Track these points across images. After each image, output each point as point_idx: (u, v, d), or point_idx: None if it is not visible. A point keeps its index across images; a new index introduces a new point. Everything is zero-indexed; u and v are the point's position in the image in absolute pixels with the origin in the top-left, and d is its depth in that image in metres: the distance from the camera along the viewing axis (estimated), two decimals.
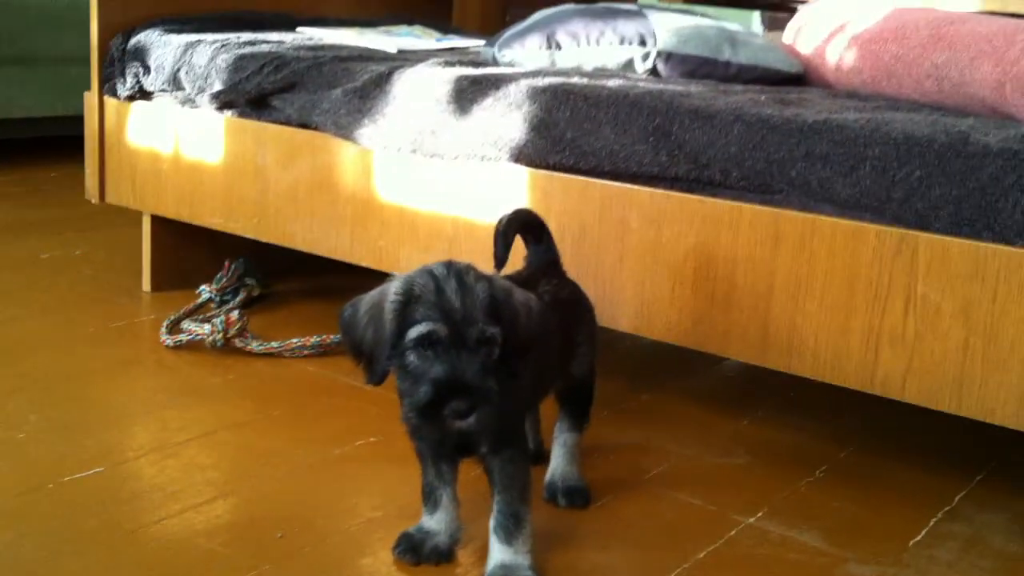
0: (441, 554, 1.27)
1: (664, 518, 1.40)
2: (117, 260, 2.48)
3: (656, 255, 1.55)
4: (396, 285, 1.16)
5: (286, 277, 2.35)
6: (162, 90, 2.16)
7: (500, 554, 1.21)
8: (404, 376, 1.15)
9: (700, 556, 1.31)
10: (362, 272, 2.00)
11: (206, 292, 2.12)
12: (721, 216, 1.49)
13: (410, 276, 1.16)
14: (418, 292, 1.13)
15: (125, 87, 2.20)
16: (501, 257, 1.38)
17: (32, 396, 1.71)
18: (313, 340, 1.93)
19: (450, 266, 1.16)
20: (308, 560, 1.27)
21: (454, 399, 1.10)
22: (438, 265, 1.16)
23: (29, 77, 3.50)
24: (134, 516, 1.35)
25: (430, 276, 1.15)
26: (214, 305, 2.12)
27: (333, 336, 1.94)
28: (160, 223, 2.29)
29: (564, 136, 1.63)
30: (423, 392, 1.11)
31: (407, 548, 1.27)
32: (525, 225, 1.43)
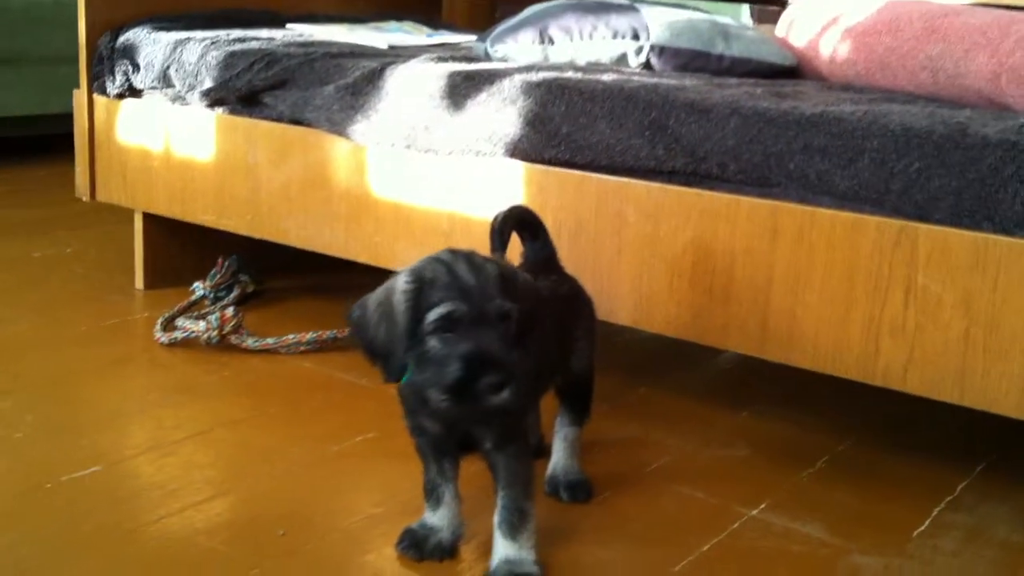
0: (444, 550, 1.26)
1: (666, 511, 1.40)
2: (109, 258, 2.46)
3: (654, 249, 1.55)
4: (405, 276, 1.15)
5: (279, 274, 2.33)
6: (152, 87, 2.15)
7: (505, 549, 1.21)
8: (425, 364, 1.13)
9: (704, 549, 1.31)
10: (355, 268, 1.99)
11: (200, 289, 2.10)
12: (719, 209, 1.48)
13: (417, 265, 1.16)
14: (430, 277, 1.13)
15: (115, 85, 2.19)
16: (499, 251, 1.37)
17: (26, 396, 1.70)
18: (309, 336, 1.92)
19: (455, 251, 1.16)
20: (310, 557, 1.26)
21: (486, 374, 1.09)
22: (442, 252, 1.16)
23: (16, 76, 3.48)
24: (134, 515, 1.34)
25: (438, 262, 1.14)
26: (208, 302, 2.10)
27: (329, 332, 1.93)
28: (152, 221, 2.27)
29: (559, 131, 1.62)
30: (453, 371, 1.10)
31: (410, 544, 1.26)
32: (521, 222, 1.43)
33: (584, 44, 1.94)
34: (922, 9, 1.82)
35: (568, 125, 1.62)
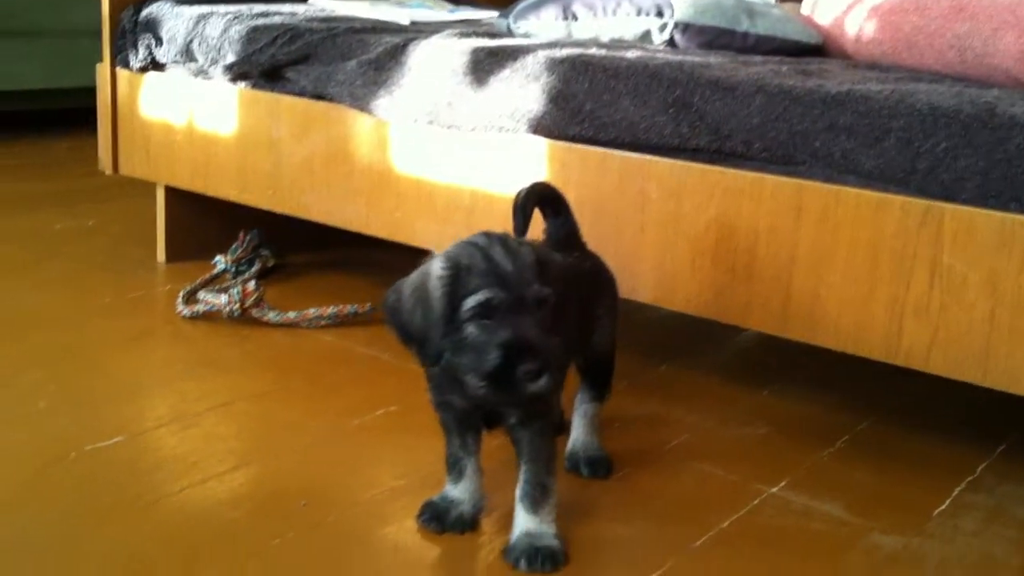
0: (465, 523, 1.27)
1: (686, 488, 1.40)
2: (130, 232, 2.48)
3: (676, 227, 1.54)
4: (440, 261, 1.14)
5: (300, 249, 2.34)
6: (175, 62, 2.15)
7: (526, 523, 1.21)
8: (462, 350, 1.13)
9: (724, 526, 1.31)
10: (376, 244, 2.00)
11: (221, 263, 2.11)
12: (743, 187, 1.48)
13: (452, 251, 1.15)
14: (467, 263, 1.12)
15: (137, 59, 2.19)
16: (520, 230, 1.37)
17: (49, 367, 1.71)
18: (330, 310, 1.92)
19: (489, 235, 1.16)
20: (333, 529, 1.27)
21: (525, 362, 1.10)
22: (476, 236, 1.16)
23: (36, 50, 3.49)
24: (156, 485, 1.35)
25: (474, 247, 1.14)
26: (229, 276, 2.11)
27: (349, 306, 1.94)
28: (173, 194, 2.28)
29: (583, 107, 1.62)
30: (492, 359, 1.11)
31: (431, 516, 1.27)
32: (543, 198, 1.42)
33: (608, 21, 1.93)
34: None
35: (592, 102, 1.61)
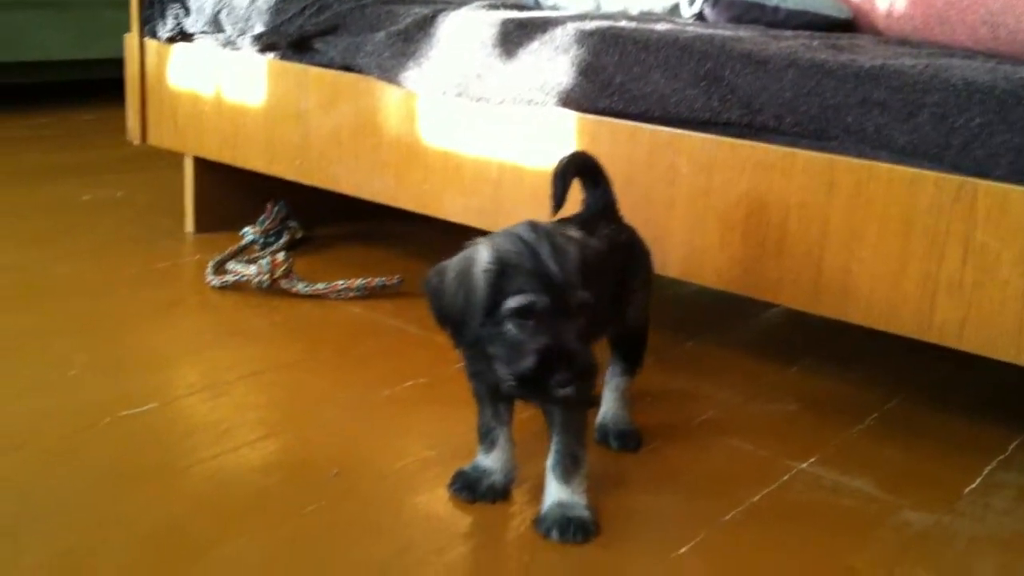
0: (496, 492, 1.28)
1: (715, 463, 1.41)
2: (157, 202, 2.49)
3: (707, 201, 1.54)
4: (487, 254, 1.13)
5: (327, 221, 2.35)
6: (203, 32, 2.15)
7: (558, 492, 1.22)
8: (499, 342, 1.13)
9: (754, 500, 1.31)
10: (402, 216, 2.00)
11: (249, 234, 2.12)
12: (774, 162, 1.47)
13: (501, 244, 1.14)
14: (514, 261, 1.11)
15: (165, 29, 2.20)
16: (559, 199, 1.37)
17: (81, 336, 1.73)
18: (358, 282, 1.93)
19: (537, 229, 1.14)
20: (365, 497, 1.28)
21: (559, 370, 1.10)
22: (524, 228, 1.14)
23: (62, 20, 3.49)
24: (189, 452, 1.37)
25: (522, 243, 1.12)
26: (258, 247, 2.12)
27: (377, 279, 1.95)
28: (201, 165, 2.29)
29: (613, 80, 1.61)
30: (528, 363, 1.11)
31: (463, 485, 1.28)
32: (584, 168, 1.42)
33: None
34: None
35: (622, 75, 1.61)
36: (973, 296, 1.33)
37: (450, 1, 1.96)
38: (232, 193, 2.32)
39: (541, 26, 1.70)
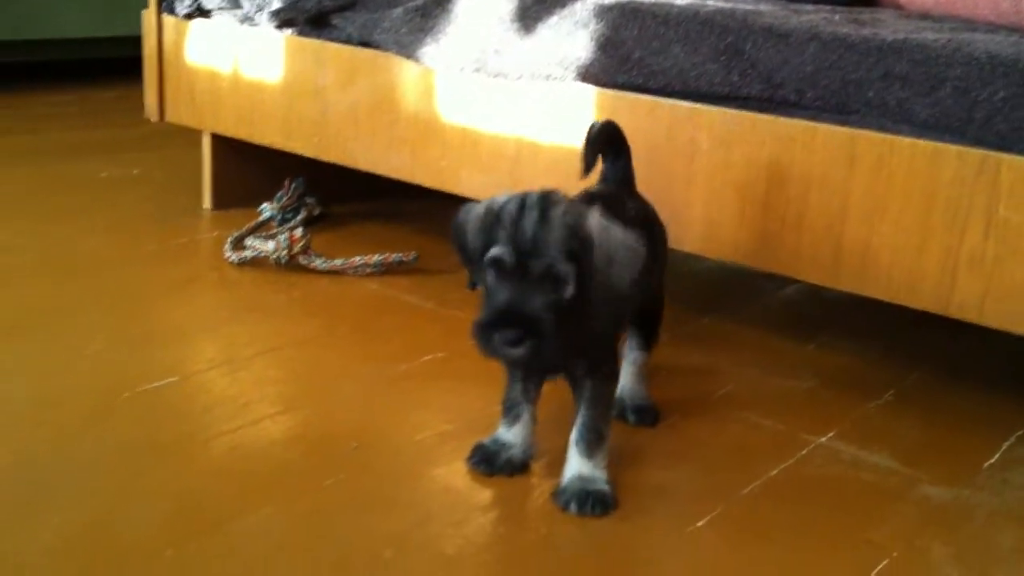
0: (515, 466, 1.28)
1: (733, 437, 1.41)
2: (175, 179, 2.50)
3: (726, 176, 1.53)
4: (486, 203, 1.17)
5: (345, 198, 2.35)
6: (220, 8, 2.15)
7: (579, 466, 1.23)
8: (484, 292, 1.16)
9: (772, 474, 1.31)
10: (419, 194, 2.00)
11: (267, 210, 2.13)
12: (795, 136, 1.46)
13: (502, 198, 1.16)
14: (501, 215, 1.13)
15: (184, 5, 2.20)
16: (589, 164, 1.37)
17: (100, 311, 1.74)
18: (376, 258, 1.93)
19: (544, 196, 1.14)
20: (384, 470, 1.29)
21: (506, 327, 1.10)
22: (532, 193, 1.15)
23: None
24: (210, 425, 1.38)
25: (517, 202, 1.13)
26: (275, 224, 2.13)
27: (394, 255, 1.95)
28: (219, 142, 2.29)
29: (632, 55, 1.61)
30: (483, 315, 1.13)
31: (482, 459, 1.29)
32: (610, 138, 1.42)
33: None
34: None
35: (641, 49, 1.60)
36: (994, 271, 1.32)
37: None
38: (250, 170, 2.32)
39: (560, 0, 1.70)
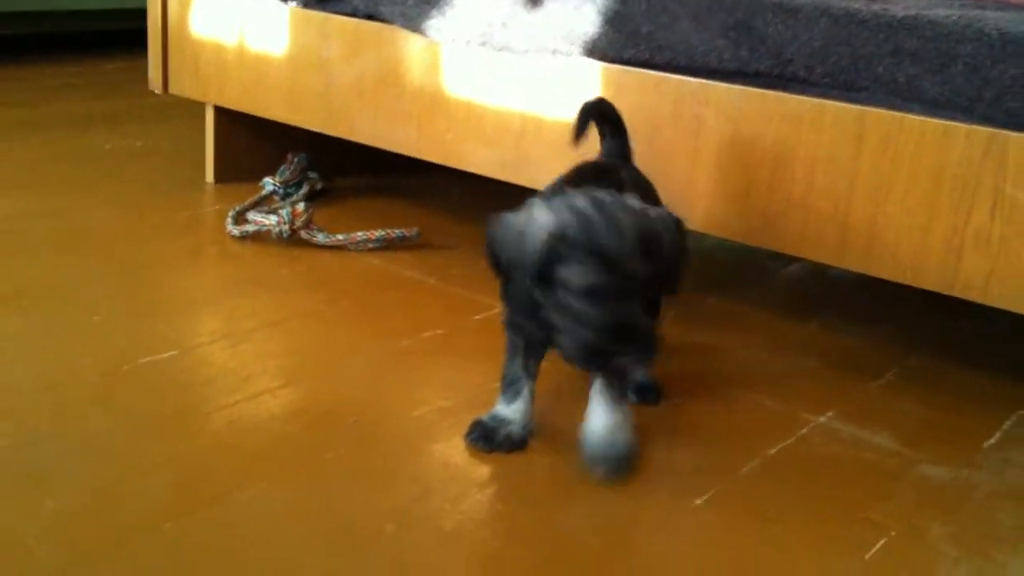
0: (514, 442, 1.28)
1: (734, 416, 1.40)
2: (178, 152, 2.49)
3: (732, 154, 1.52)
4: (545, 221, 1.10)
5: (348, 173, 2.34)
6: None
7: (607, 414, 1.22)
8: (561, 313, 1.11)
9: (771, 452, 1.31)
10: (422, 169, 1.99)
11: (270, 184, 2.12)
12: (803, 114, 1.45)
13: (561, 214, 1.10)
14: (571, 235, 1.08)
15: None
16: (579, 133, 1.41)
17: (103, 282, 1.73)
18: (378, 234, 1.93)
19: (598, 203, 1.10)
20: (383, 444, 1.28)
21: (620, 346, 1.09)
22: (584, 200, 1.11)
23: None
24: (210, 398, 1.37)
25: (582, 215, 1.09)
26: (278, 198, 2.12)
27: (397, 231, 1.94)
28: (223, 115, 2.28)
29: (639, 30, 1.59)
30: (588, 339, 1.09)
31: (480, 435, 1.28)
32: (605, 114, 1.43)
33: None
34: None
35: (649, 24, 1.58)
36: (1000, 250, 1.31)
37: None
38: (253, 143, 2.31)
39: None
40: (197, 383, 1.42)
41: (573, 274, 1.08)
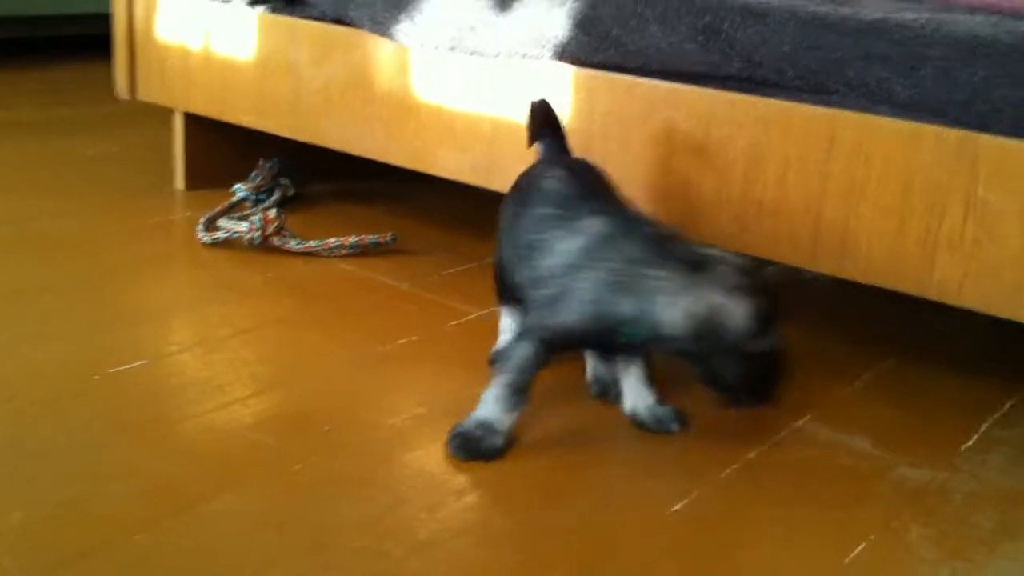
0: (497, 451, 1.27)
1: (709, 420, 1.40)
2: (148, 159, 2.46)
3: (704, 157, 1.52)
4: (746, 315, 1.24)
5: (320, 179, 2.32)
6: None
7: (649, 396, 1.37)
8: (726, 366, 1.26)
9: (750, 457, 1.31)
10: (397, 175, 1.98)
11: (241, 191, 2.10)
12: (773, 117, 1.45)
13: (755, 302, 1.25)
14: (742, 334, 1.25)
15: None
16: (537, 135, 1.51)
17: (71, 290, 1.71)
18: (352, 239, 1.91)
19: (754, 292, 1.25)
20: (357, 453, 1.27)
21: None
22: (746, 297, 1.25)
23: None
24: (180, 407, 1.35)
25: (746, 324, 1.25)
26: (249, 204, 2.10)
27: (370, 236, 1.93)
28: (191, 121, 2.26)
29: (609, 33, 1.59)
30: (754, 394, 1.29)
31: (462, 444, 1.27)
32: (548, 115, 1.51)
33: None
34: None
35: (618, 28, 1.58)
36: (973, 253, 1.31)
37: None
38: (225, 149, 2.29)
39: None
40: (168, 392, 1.40)
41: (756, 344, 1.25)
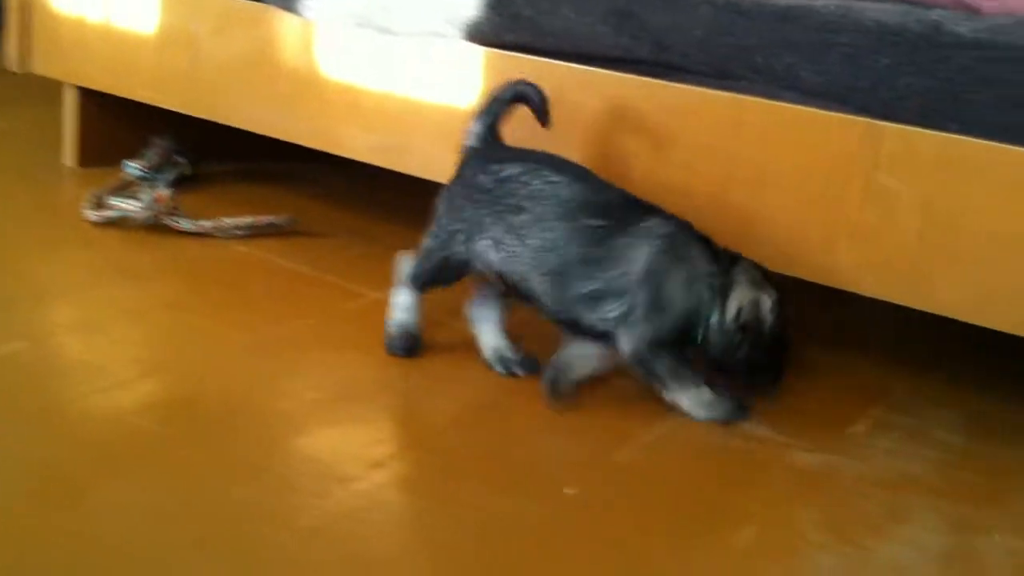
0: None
1: (607, 404, 1.37)
2: (37, 136, 2.34)
3: (613, 141, 1.50)
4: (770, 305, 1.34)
5: (218, 158, 2.23)
6: None
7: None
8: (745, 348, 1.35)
9: (646, 440, 1.29)
10: (300, 155, 1.92)
11: (132, 168, 2.00)
12: (682, 101, 1.43)
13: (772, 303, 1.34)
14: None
15: None
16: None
17: None
18: (246, 220, 1.84)
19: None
20: (246, 438, 1.22)
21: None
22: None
23: None
24: (60, 391, 1.28)
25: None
26: (142, 183, 2.01)
27: (267, 218, 1.86)
28: (87, 96, 2.16)
29: (521, 14, 1.56)
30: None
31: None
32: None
33: None
34: None
35: (530, 9, 1.55)
36: (872, 240, 1.31)
37: None
38: (121, 125, 2.19)
39: None
40: (46, 375, 1.33)
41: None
